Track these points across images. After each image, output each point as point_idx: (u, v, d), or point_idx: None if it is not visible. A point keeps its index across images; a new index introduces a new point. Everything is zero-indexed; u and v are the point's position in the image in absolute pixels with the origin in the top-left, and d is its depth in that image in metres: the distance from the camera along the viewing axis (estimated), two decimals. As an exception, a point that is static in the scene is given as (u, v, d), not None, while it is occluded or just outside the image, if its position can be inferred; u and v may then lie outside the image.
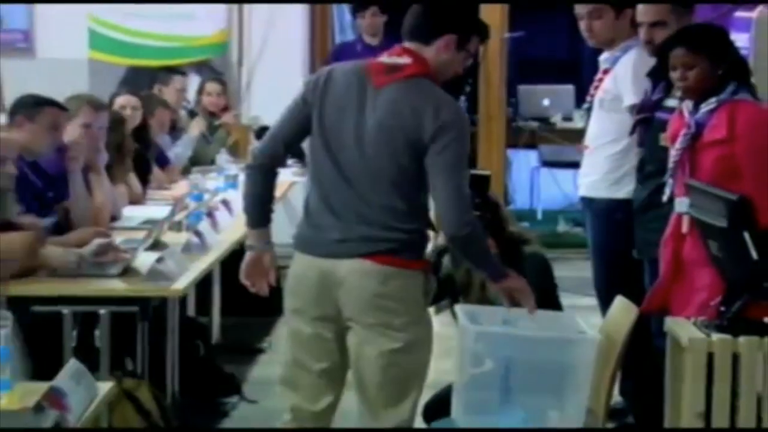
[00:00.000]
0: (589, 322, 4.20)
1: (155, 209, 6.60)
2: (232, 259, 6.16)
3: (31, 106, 5.72)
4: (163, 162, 7.89)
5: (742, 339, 4.12)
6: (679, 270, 4.75)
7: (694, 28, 5.16)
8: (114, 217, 6.35)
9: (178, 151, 8.26)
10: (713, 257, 4.36)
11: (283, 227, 10.12)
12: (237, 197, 6.93)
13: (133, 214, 6.57)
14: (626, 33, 5.59)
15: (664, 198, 4.84)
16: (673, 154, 4.76)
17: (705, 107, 4.69)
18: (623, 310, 4.32)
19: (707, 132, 4.67)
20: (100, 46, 9.95)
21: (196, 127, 8.54)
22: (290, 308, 4.11)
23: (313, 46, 10.43)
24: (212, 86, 9.07)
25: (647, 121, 5.22)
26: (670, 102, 5.06)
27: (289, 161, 9.12)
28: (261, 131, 9.27)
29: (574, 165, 7.55)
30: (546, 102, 11.34)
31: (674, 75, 4.75)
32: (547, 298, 4.69)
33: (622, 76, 5.52)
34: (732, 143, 4.62)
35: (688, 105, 4.77)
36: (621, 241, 5.41)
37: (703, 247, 4.44)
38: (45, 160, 5.81)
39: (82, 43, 9.91)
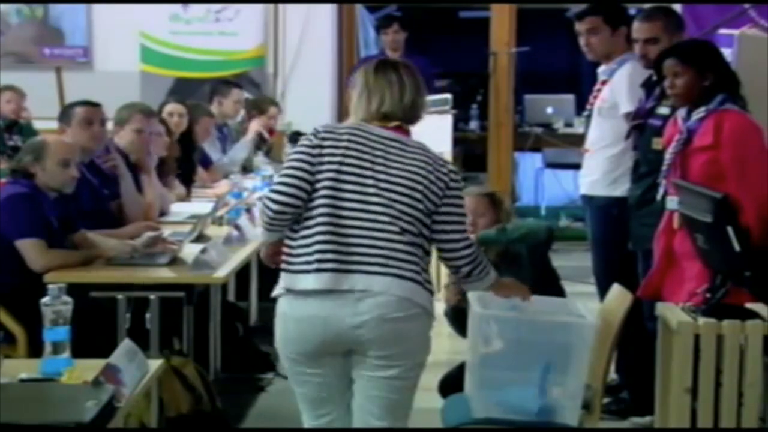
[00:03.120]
0: (588, 307, 4.18)
1: (199, 206, 6.61)
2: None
3: (64, 113, 5.73)
4: (207, 164, 7.90)
5: (725, 322, 4.11)
6: (671, 261, 4.74)
7: (686, 42, 5.18)
8: (163, 213, 6.37)
9: (234, 154, 8.23)
10: (700, 249, 4.34)
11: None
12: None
13: (179, 209, 6.58)
14: (622, 48, 5.58)
15: (658, 196, 4.83)
16: (667, 157, 4.75)
17: (695, 116, 4.69)
18: (619, 296, 4.30)
19: (696, 138, 4.66)
20: (150, 60, 9.98)
21: (252, 130, 8.47)
22: None
23: (340, 60, 10.43)
24: (274, 110, 8.96)
25: (641, 127, 5.22)
26: (662, 110, 5.06)
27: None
28: (294, 136, 9.27)
29: (575, 166, 7.54)
30: (549, 110, 11.32)
31: (666, 83, 4.76)
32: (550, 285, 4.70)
33: (619, 87, 5.51)
34: (718, 149, 4.60)
35: (682, 113, 4.76)
36: (617, 235, 5.40)
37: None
38: (101, 160, 5.82)
39: (135, 58, 9.96)
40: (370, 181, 3.60)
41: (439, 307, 4.82)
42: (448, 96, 8.42)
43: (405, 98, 3.73)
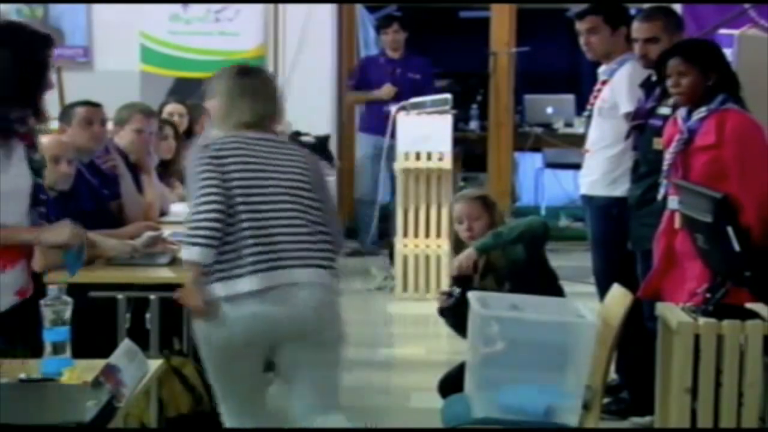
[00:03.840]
0: (588, 307, 4.19)
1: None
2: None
3: (64, 113, 5.73)
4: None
5: (725, 323, 4.11)
6: (672, 261, 4.75)
7: (689, 42, 5.18)
8: (163, 213, 6.36)
9: None
10: (700, 249, 4.34)
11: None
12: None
13: (180, 209, 6.57)
14: (622, 47, 5.58)
15: (659, 197, 4.83)
16: (668, 157, 4.75)
17: (696, 115, 4.69)
18: (619, 296, 4.30)
19: (698, 138, 4.66)
20: (150, 60, 9.98)
21: None
22: None
23: (340, 60, 10.44)
24: None
25: (641, 127, 5.22)
26: (663, 110, 5.06)
27: (320, 163, 9.12)
28: (294, 136, 9.26)
29: (575, 166, 7.55)
30: (549, 110, 11.32)
31: (669, 82, 4.75)
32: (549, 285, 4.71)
33: (619, 87, 5.51)
34: (720, 148, 4.61)
35: (681, 113, 4.76)
36: (617, 235, 5.41)
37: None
38: (101, 161, 5.81)
39: (135, 58, 9.95)
40: (272, 182, 3.89)
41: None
42: (448, 96, 8.42)
43: (268, 104, 4.04)
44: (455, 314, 4.63)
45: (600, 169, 5.56)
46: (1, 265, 3.67)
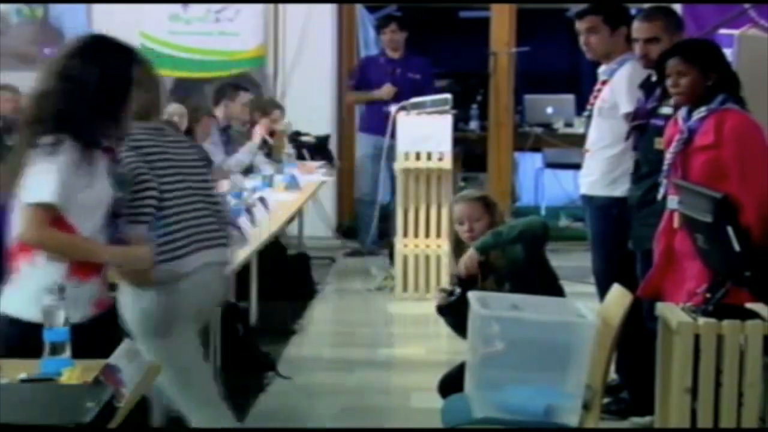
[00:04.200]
0: (588, 307, 4.19)
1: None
2: (268, 250, 6.15)
3: None
4: (207, 164, 7.88)
5: (725, 323, 4.11)
6: (671, 261, 4.75)
7: (689, 42, 5.18)
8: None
9: (240, 157, 8.22)
10: (700, 249, 4.34)
11: (314, 222, 10.09)
12: (272, 195, 6.96)
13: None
14: (621, 47, 5.59)
15: (659, 197, 4.83)
16: (668, 157, 4.76)
17: (696, 115, 4.69)
18: (619, 296, 4.30)
19: (698, 138, 4.66)
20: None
21: (258, 135, 8.47)
22: None
23: (340, 60, 10.44)
24: (277, 113, 8.94)
25: (641, 128, 5.22)
26: (664, 110, 5.06)
27: (318, 162, 9.14)
28: (294, 136, 9.26)
29: (575, 166, 7.55)
30: (549, 110, 11.33)
31: (668, 82, 4.76)
32: (549, 285, 4.71)
33: (619, 87, 5.51)
34: (719, 148, 4.61)
35: (682, 113, 4.76)
36: (617, 235, 5.41)
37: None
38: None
39: (135, 57, 9.94)
40: (180, 170, 4.13)
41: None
42: (448, 96, 8.42)
43: (150, 94, 4.08)
44: (454, 314, 4.64)
45: (600, 169, 5.57)
46: (79, 277, 3.66)
